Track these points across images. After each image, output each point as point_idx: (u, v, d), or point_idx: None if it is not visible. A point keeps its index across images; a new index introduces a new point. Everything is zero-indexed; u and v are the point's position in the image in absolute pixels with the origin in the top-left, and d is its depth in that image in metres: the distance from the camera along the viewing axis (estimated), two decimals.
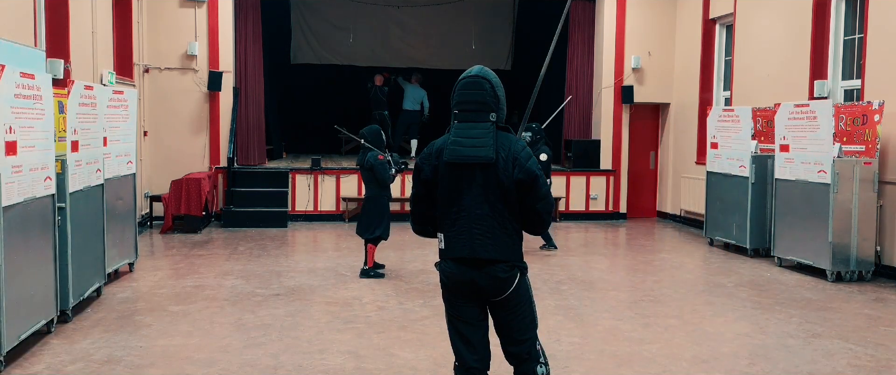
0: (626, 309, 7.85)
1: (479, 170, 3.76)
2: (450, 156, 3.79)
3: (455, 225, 3.82)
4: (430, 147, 3.93)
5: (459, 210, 3.80)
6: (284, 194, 13.78)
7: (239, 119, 14.11)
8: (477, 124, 3.80)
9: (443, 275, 3.93)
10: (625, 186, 15.17)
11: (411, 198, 4.06)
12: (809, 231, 9.53)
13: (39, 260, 6.38)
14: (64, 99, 6.97)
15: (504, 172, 3.74)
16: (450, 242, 3.85)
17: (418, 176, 3.94)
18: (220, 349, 6.22)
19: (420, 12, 17.39)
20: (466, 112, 3.83)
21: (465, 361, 3.91)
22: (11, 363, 5.75)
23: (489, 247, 3.78)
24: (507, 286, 3.84)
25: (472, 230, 3.78)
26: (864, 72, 9.82)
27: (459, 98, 3.85)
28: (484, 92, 3.81)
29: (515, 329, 3.91)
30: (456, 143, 3.79)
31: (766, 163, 10.86)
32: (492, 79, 3.85)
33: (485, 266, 3.79)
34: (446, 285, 3.93)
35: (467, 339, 3.91)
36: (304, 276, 9.15)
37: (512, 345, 3.93)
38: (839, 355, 6.28)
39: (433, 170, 3.87)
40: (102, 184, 8.03)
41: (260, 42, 14.54)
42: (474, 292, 3.86)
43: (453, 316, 3.96)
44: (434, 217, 3.96)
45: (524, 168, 3.76)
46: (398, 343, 6.46)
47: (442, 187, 3.85)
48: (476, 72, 3.87)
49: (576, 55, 15.30)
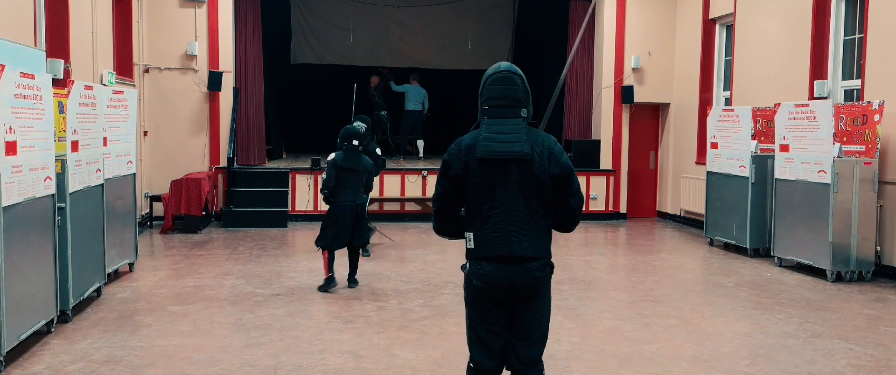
0: (626, 309, 7.85)
1: (515, 165, 3.67)
2: (483, 151, 3.67)
3: (487, 223, 3.70)
4: (458, 143, 3.79)
5: (493, 207, 3.69)
6: (284, 194, 13.79)
7: (239, 119, 14.11)
8: (508, 120, 3.71)
9: (476, 279, 3.76)
10: (625, 186, 15.17)
11: (436, 197, 3.87)
12: (809, 231, 9.53)
13: (39, 260, 6.38)
14: (64, 99, 6.96)
15: (539, 167, 3.67)
16: (481, 241, 3.73)
17: (446, 172, 3.77)
18: (220, 349, 6.22)
19: (420, 12, 17.39)
20: (497, 107, 3.72)
21: (481, 365, 3.83)
22: (11, 363, 5.75)
23: (525, 244, 3.69)
24: (541, 284, 3.77)
25: (508, 227, 3.68)
26: (864, 72, 9.82)
27: (490, 93, 3.75)
28: (516, 87, 3.73)
29: (534, 329, 3.81)
30: (488, 139, 3.68)
31: (766, 163, 10.86)
32: (521, 74, 3.78)
33: (522, 263, 3.70)
34: (481, 289, 3.76)
35: (488, 346, 3.81)
36: (304, 276, 9.15)
37: (527, 347, 3.80)
38: (839, 355, 6.28)
39: (463, 167, 3.72)
40: (102, 184, 8.03)
41: (260, 42, 14.55)
42: (510, 293, 3.74)
43: (478, 323, 3.83)
44: (457, 216, 3.85)
45: (560, 162, 3.71)
46: (398, 343, 6.46)
47: (473, 184, 3.72)
48: (506, 68, 3.79)
49: (576, 55, 15.28)
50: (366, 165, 8.52)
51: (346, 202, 8.29)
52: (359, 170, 8.40)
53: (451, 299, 8.03)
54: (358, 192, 8.41)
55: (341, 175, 8.31)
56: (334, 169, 8.32)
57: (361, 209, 8.47)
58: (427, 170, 14.42)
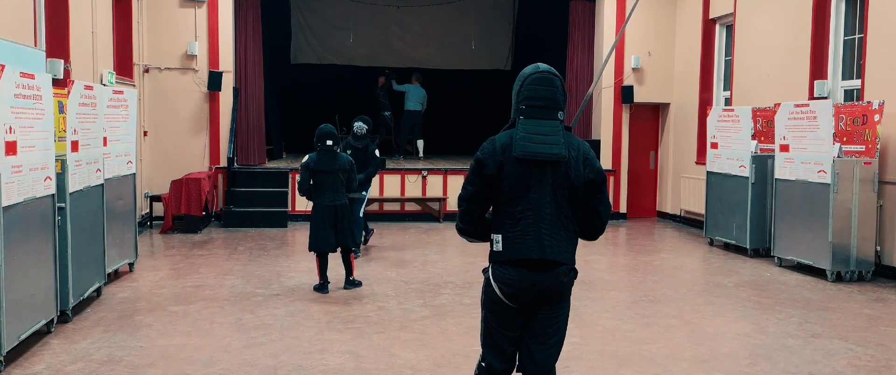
0: (626, 309, 7.85)
1: (550, 167, 3.61)
2: (521, 151, 3.60)
3: (519, 225, 3.62)
4: (492, 142, 3.70)
5: (526, 209, 3.61)
6: (284, 194, 13.79)
7: (239, 119, 14.11)
8: (545, 122, 3.65)
9: (500, 284, 3.68)
10: (625, 186, 15.17)
11: (465, 196, 3.75)
12: (809, 231, 9.53)
13: (39, 260, 6.38)
14: (64, 99, 6.96)
15: (575, 171, 3.63)
16: (511, 244, 3.64)
17: (480, 171, 3.67)
18: (220, 349, 6.22)
19: (420, 12, 17.38)
20: (536, 108, 3.66)
21: (494, 367, 3.79)
22: (11, 363, 5.75)
23: (556, 249, 3.64)
24: (566, 289, 3.73)
25: (540, 230, 3.61)
26: (864, 72, 9.82)
27: (529, 93, 3.67)
28: (556, 89, 3.69)
29: (553, 332, 3.75)
30: (525, 139, 3.61)
31: (766, 163, 10.86)
32: (560, 76, 3.74)
33: (551, 268, 3.65)
34: (504, 294, 3.68)
35: (503, 350, 3.77)
36: (304, 276, 9.15)
37: (545, 350, 3.74)
38: (839, 355, 6.28)
39: (498, 166, 3.63)
40: (102, 184, 8.03)
41: (260, 42, 14.54)
42: (535, 298, 3.67)
43: (495, 327, 3.76)
44: (484, 218, 3.78)
45: (595, 167, 3.68)
46: (398, 343, 6.46)
47: (506, 184, 3.63)
48: (546, 69, 3.72)
49: (576, 55, 15.30)
50: (343, 165, 8.29)
51: (324, 204, 8.15)
52: (335, 170, 8.20)
53: (451, 299, 8.04)
54: (338, 193, 8.23)
55: (316, 177, 8.15)
56: (307, 172, 8.15)
57: (342, 209, 8.24)
58: (427, 170, 14.42)
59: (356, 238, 9.43)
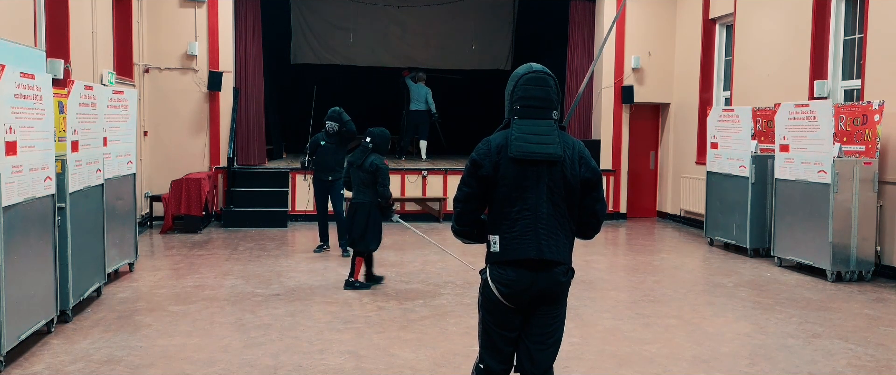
0: (626, 309, 7.85)
1: (546, 167, 3.62)
2: (517, 151, 3.60)
3: (516, 226, 3.63)
4: (487, 143, 3.70)
5: (522, 209, 3.62)
6: (284, 194, 13.79)
7: (239, 119, 14.11)
8: (540, 121, 3.66)
9: (498, 285, 3.68)
10: (625, 186, 15.17)
11: (461, 197, 3.77)
12: (809, 231, 9.53)
13: (39, 260, 6.38)
14: (64, 99, 6.96)
15: (571, 170, 3.64)
16: (509, 244, 3.64)
17: (475, 172, 3.67)
18: (220, 349, 6.22)
19: (420, 12, 17.39)
20: (530, 108, 3.66)
21: (491, 368, 3.80)
22: (11, 363, 5.75)
23: (553, 248, 3.64)
24: (564, 289, 3.73)
25: (537, 230, 3.61)
26: (864, 72, 9.82)
27: (523, 93, 3.67)
28: (550, 89, 3.69)
29: (551, 332, 3.76)
30: (520, 139, 3.61)
31: (766, 163, 10.86)
32: (554, 76, 3.75)
33: (550, 268, 3.65)
34: (502, 294, 3.68)
35: (501, 351, 3.77)
36: (304, 276, 9.15)
37: (543, 350, 3.74)
38: (839, 355, 6.29)
39: (494, 167, 3.63)
40: (102, 184, 8.03)
41: (260, 42, 14.54)
42: (533, 298, 3.67)
43: (493, 328, 3.76)
44: (480, 219, 3.78)
45: (590, 166, 3.70)
46: (398, 343, 6.46)
47: (502, 185, 3.64)
48: (539, 69, 3.73)
49: (576, 55, 15.29)
50: (367, 166, 8.52)
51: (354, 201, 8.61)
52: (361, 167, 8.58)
53: (451, 299, 8.04)
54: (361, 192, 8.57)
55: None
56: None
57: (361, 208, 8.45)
58: (427, 170, 14.42)
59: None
